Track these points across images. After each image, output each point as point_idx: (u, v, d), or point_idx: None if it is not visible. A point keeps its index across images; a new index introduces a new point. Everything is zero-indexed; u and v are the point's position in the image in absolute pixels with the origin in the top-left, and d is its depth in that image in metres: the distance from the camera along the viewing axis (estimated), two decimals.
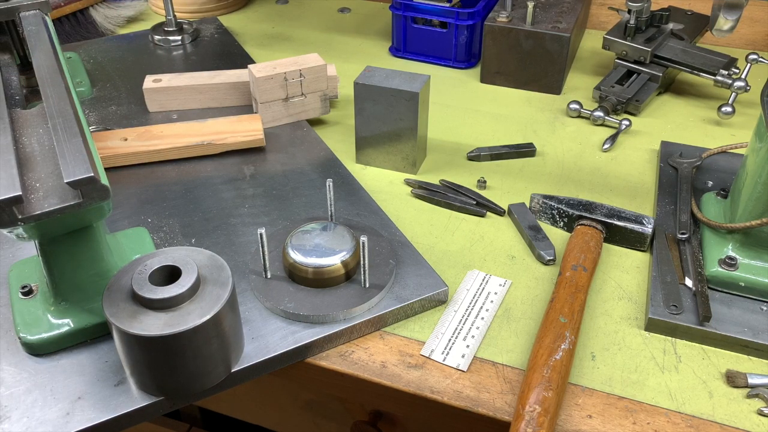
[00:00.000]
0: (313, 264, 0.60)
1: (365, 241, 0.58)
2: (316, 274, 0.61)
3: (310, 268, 0.60)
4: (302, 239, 0.62)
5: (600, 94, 0.93)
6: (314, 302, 0.60)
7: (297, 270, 0.61)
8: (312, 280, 0.61)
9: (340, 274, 0.61)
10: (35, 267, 0.62)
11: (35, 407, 0.54)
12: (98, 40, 1.12)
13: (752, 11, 1.06)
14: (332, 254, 0.61)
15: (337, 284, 0.62)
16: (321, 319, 0.60)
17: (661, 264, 0.66)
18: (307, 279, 0.61)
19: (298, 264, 0.61)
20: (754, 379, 0.57)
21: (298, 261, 0.60)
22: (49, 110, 0.54)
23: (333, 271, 0.61)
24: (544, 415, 0.53)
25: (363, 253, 0.59)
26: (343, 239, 0.62)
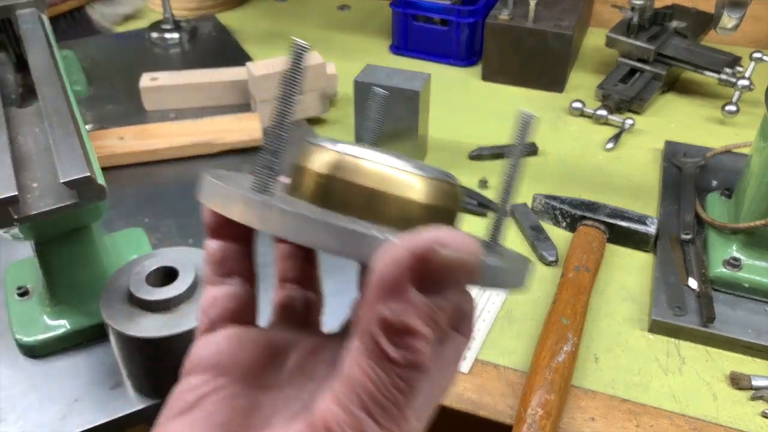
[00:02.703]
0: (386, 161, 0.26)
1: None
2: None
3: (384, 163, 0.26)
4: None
5: (603, 92, 0.92)
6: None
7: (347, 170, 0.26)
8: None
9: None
10: (31, 268, 0.61)
11: (31, 409, 0.54)
12: (95, 39, 1.11)
13: (756, 9, 1.06)
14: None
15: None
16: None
17: (665, 265, 0.66)
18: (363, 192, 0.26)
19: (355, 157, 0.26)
20: (758, 381, 0.56)
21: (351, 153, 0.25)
22: (45, 109, 0.53)
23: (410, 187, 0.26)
24: (546, 418, 0.52)
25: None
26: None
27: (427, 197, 0.24)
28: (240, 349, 0.25)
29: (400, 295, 0.19)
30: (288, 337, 0.26)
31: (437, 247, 0.19)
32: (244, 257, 0.27)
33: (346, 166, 0.24)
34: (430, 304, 0.19)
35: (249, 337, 0.25)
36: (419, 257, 0.19)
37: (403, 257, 0.19)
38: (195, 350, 0.25)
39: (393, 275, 0.19)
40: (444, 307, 0.20)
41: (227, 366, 0.24)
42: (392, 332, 0.19)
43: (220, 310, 0.26)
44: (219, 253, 0.27)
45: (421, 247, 0.19)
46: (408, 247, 0.19)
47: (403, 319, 0.19)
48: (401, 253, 0.19)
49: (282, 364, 0.25)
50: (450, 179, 0.26)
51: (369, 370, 0.19)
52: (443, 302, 0.20)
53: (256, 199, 0.22)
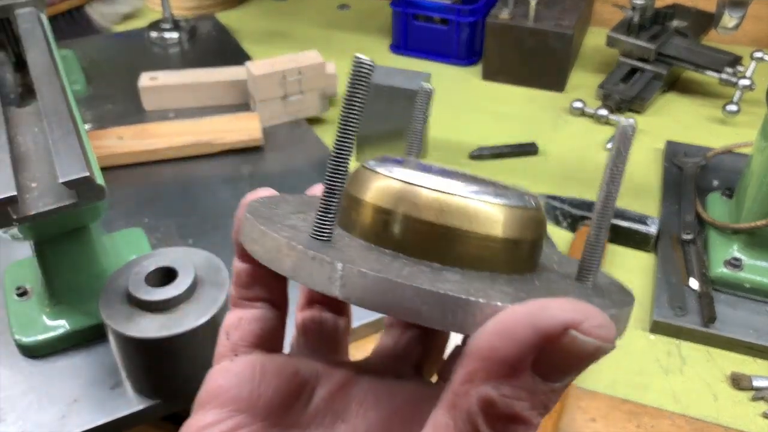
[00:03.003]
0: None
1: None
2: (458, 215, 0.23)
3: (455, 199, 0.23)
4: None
5: (603, 92, 0.92)
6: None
7: (419, 206, 0.22)
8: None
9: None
10: (30, 268, 0.61)
11: (30, 410, 0.54)
12: (94, 38, 1.11)
13: (757, 9, 1.05)
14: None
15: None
16: None
17: (666, 265, 0.66)
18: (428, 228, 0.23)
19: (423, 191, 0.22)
20: (759, 382, 0.56)
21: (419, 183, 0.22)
22: (44, 109, 0.53)
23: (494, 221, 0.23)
24: (546, 418, 0.52)
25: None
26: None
27: (512, 231, 0.21)
28: (263, 380, 0.22)
29: (516, 379, 0.16)
30: (315, 367, 0.23)
31: (572, 331, 0.15)
32: (274, 283, 0.24)
33: (410, 198, 0.20)
34: (546, 389, 0.16)
35: (273, 367, 0.22)
36: (548, 338, 0.15)
37: (526, 335, 0.15)
38: (213, 377, 0.22)
39: (511, 354, 0.16)
40: (559, 392, 0.16)
41: (248, 401, 0.21)
42: (497, 418, 0.16)
43: (243, 332, 0.24)
44: (246, 276, 0.24)
45: (554, 327, 0.15)
46: (535, 323, 0.15)
47: (514, 406, 0.16)
48: (525, 330, 0.15)
49: (308, 399, 0.23)
50: (534, 204, 0.22)
51: None
52: (561, 387, 0.16)
53: (325, 259, 0.18)
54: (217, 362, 0.23)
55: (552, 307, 0.16)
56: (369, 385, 0.23)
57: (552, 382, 0.16)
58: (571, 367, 0.16)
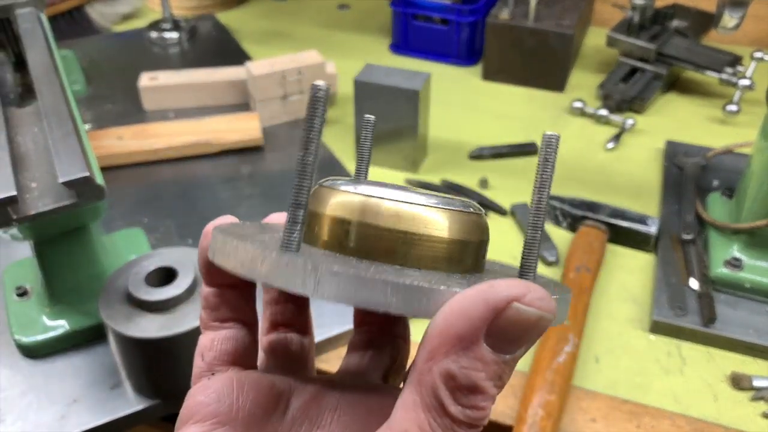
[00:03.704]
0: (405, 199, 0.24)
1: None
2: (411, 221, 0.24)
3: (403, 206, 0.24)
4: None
5: (604, 92, 0.92)
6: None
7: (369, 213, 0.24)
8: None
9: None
10: (30, 268, 0.61)
11: (30, 410, 0.54)
12: (94, 38, 1.11)
13: (757, 9, 1.05)
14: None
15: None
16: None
17: (666, 265, 0.66)
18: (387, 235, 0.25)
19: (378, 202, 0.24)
20: (759, 382, 0.56)
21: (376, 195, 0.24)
22: (44, 109, 0.53)
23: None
24: (547, 418, 0.52)
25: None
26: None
27: (457, 232, 0.23)
28: (240, 394, 0.23)
29: (471, 351, 0.18)
30: (289, 381, 0.24)
31: (517, 303, 0.18)
32: (242, 302, 0.26)
33: (370, 209, 0.22)
34: (499, 360, 0.18)
35: (250, 381, 0.23)
36: (496, 312, 0.18)
37: (477, 310, 0.18)
38: (192, 395, 0.23)
39: (464, 328, 0.18)
40: (511, 364, 0.19)
41: (228, 414, 0.22)
42: (457, 389, 0.18)
43: (217, 352, 0.25)
44: (214, 299, 0.25)
45: (499, 300, 0.18)
46: (485, 299, 0.18)
47: (472, 376, 0.18)
48: (477, 306, 0.18)
49: (285, 409, 0.24)
50: (475, 209, 0.24)
51: (426, 427, 0.18)
52: (512, 359, 0.19)
53: (299, 262, 0.19)
54: (194, 383, 0.24)
55: (499, 285, 0.18)
56: (341, 394, 0.24)
57: (503, 353, 0.18)
58: (518, 338, 0.18)
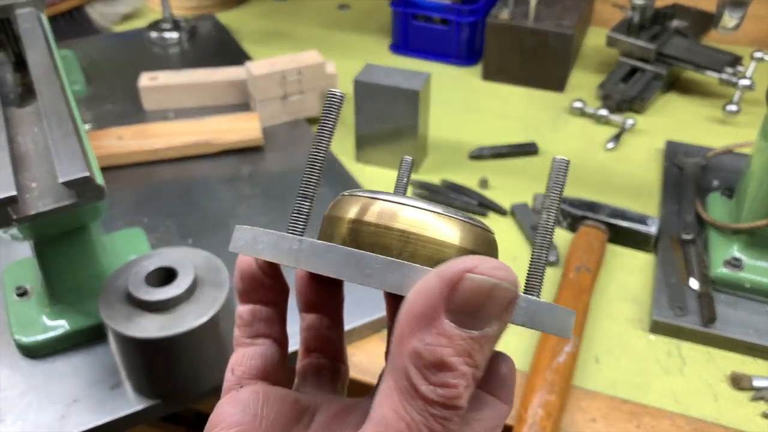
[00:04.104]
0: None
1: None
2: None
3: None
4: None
5: (604, 92, 0.92)
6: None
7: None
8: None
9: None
10: (30, 268, 0.61)
11: (30, 410, 0.54)
12: (94, 38, 1.11)
13: (757, 9, 1.05)
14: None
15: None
16: None
17: (666, 265, 0.66)
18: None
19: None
20: (759, 382, 0.56)
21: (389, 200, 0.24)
22: (44, 109, 0.53)
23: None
24: (546, 418, 0.52)
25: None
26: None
27: (465, 241, 0.23)
28: (266, 405, 0.24)
29: (433, 326, 0.18)
30: (315, 398, 0.25)
31: (471, 273, 0.18)
32: (273, 320, 0.27)
33: (379, 211, 0.23)
34: (465, 335, 0.18)
35: (275, 395, 0.24)
36: (451, 284, 0.18)
37: (434, 286, 0.18)
38: (220, 405, 0.24)
39: (425, 305, 0.18)
40: (481, 342, 0.18)
41: (252, 423, 0.23)
42: (426, 367, 0.18)
43: (246, 367, 0.26)
44: (248, 315, 0.26)
45: (453, 273, 0.18)
46: (439, 274, 0.18)
47: (437, 351, 0.18)
48: (432, 282, 0.18)
49: (308, 423, 0.24)
50: (486, 227, 0.25)
51: (402, 411, 0.18)
52: (480, 336, 0.18)
53: (287, 236, 0.22)
54: (224, 395, 0.25)
55: (455, 261, 0.18)
56: (365, 413, 0.24)
57: (469, 328, 0.18)
58: (479, 310, 0.18)
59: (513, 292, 0.18)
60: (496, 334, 0.19)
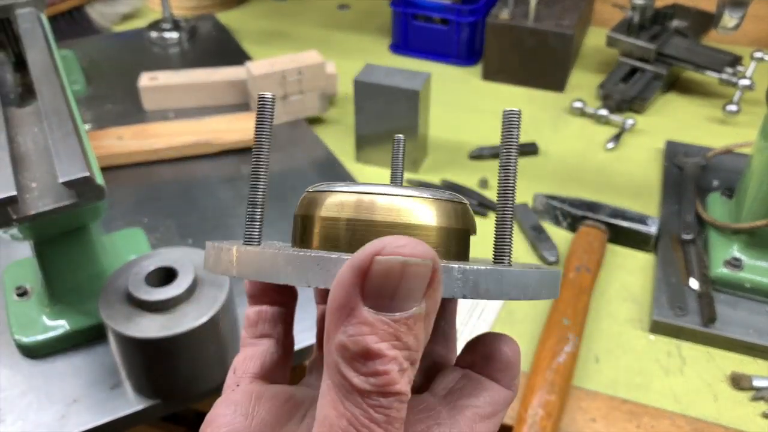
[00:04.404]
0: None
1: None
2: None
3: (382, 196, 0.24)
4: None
5: (604, 92, 0.92)
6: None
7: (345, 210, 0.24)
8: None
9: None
10: (30, 268, 0.61)
11: (30, 410, 0.54)
12: (94, 38, 1.11)
13: (757, 9, 1.05)
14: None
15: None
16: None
17: (666, 265, 0.66)
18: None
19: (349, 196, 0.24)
20: (759, 382, 0.56)
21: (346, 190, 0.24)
22: (43, 109, 0.53)
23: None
24: (546, 418, 0.52)
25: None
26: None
27: (440, 219, 0.23)
28: (257, 404, 0.24)
29: (353, 316, 0.17)
30: (310, 393, 0.25)
31: (379, 256, 0.17)
32: (278, 321, 0.27)
33: (349, 204, 0.23)
34: (386, 319, 0.17)
35: (268, 393, 0.25)
36: (362, 271, 0.17)
37: (348, 275, 0.17)
38: (215, 406, 0.25)
39: (342, 296, 0.17)
40: (407, 323, 0.18)
41: (242, 422, 0.24)
42: (353, 358, 0.17)
43: (246, 367, 0.26)
44: (254, 316, 0.27)
45: (362, 259, 0.17)
46: (350, 262, 0.17)
47: (360, 341, 0.17)
48: (346, 272, 0.17)
49: (302, 418, 0.24)
50: (458, 197, 0.24)
51: (341, 407, 0.18)
52: (405, 318, 0.18)
53: (224, 247, 0.22)
54: (224, 393, 0.26)
55: (365, 247, 0.17)
56: None
57: (390, 311, 0.17)
58: (396, 291, 0.17)
59: (428, 266, 0.17)
60: (426, 311, 0.18)
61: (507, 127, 0.23)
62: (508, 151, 0.23)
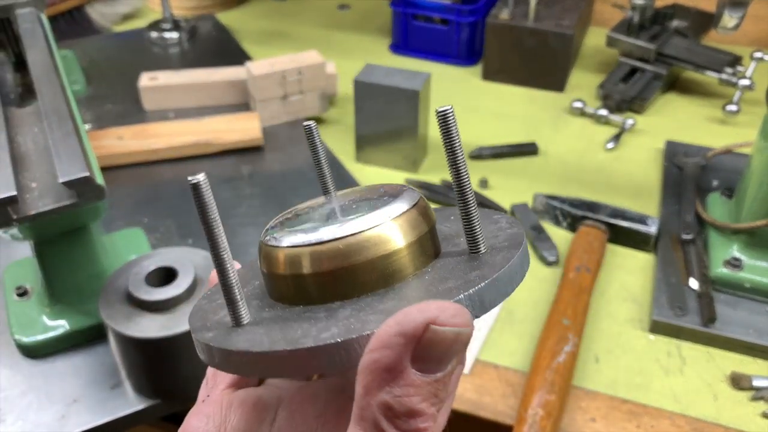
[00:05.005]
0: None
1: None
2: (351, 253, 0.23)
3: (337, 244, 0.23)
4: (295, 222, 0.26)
5: (603, 92, 0.92)
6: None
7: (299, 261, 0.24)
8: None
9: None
10: (30, 268, 0.61)
11: (30, 410, 0.54)
12: (94, 38, 1.11)
13: (757, 9, 1.05)
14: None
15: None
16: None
17: (666, 265, 0.66)
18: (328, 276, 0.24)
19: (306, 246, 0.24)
20: (758, 382, 0.56)
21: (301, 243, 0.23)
22: (44, 109, 0.53)
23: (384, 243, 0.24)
24: (546, 418, 0.52)
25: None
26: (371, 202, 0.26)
27: (407, 236, 0.22)
28: (228, 413, 0.25)
29: (401, 378, 0.18)
30: (276, 393, 0.26)
31: (432, 326, 0.18)
32: None
33: (310, 257, 0.22)
34: (431, 381, 0.19)
35: (237, 400, 0.26)
36: (414, 338, 0.18)
37: (399, 341, 0.18)
38: (188, 419, 0.26)
39: (390, 360, 0.18)
40: (444, 381, 0.19)
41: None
42: (396, 417, 0.19)
43: (217, 379, 0.27)
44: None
45: (416, 327, 0.18)
46: (401, 331, 0.18)
47: (406, 402, 0.18)
48: (397, 338, 0.18)
49: (272, 421, 0.25)
50: (412, 196, 0.24)
51: None
52: (443, 376, 0.19)
53: (209, 346, 0.22)
54: (195, 405, 0.27)
55: (412, 313, 0.18)
56: (326, 401, 0.25)
57: (432, 373, 0.19)
58: (443, 357, 0.19)
59: (471, 332, 0.19)
60: (458, 367, 0.20)
61: (443, 126, 0.23)
62: (452, 149, 0.23)
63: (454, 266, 0.23)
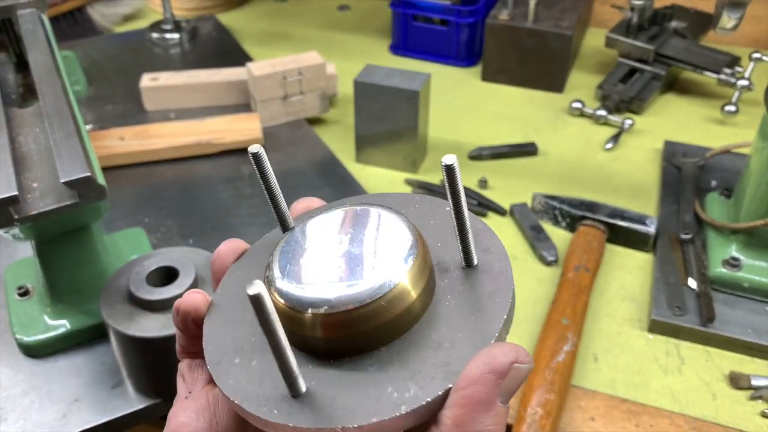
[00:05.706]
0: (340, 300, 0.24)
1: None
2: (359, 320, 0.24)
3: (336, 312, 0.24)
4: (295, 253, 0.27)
5: (602, 92, 0.92)
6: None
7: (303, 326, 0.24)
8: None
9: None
10: (32, 268, 0.61)
11: (32, 409, 0.54)
12: (95, 39, 1.11)
13: (756, 9, 1.05)
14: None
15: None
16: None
17: (665, 265, 0.66)
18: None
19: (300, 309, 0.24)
20: (757, 381, 0.57)
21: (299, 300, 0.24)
22: (45, 109, 0.53)
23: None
24: (546, 417, 0.52)
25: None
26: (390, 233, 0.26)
27: (415, 288, 0.24)
28: (217, 410, 0.26)
29: (491, 410, 0.22)
30: None
31: (518, 365, 0.22)
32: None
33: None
34: (507, 408, 0.22)
35: (223, 397, 0.26)
36: (502, 374, 0.22)
37: (491, 378, 0.22)
38: (174, 416, 0.26)
39: (484, 394, 0.22)
40: (508, 408, 0.23)
41: (208, 430, 0.25)
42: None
43: (195, 374, 0.27)
44: (184, 341, 0.28)
45: (506, 367, 0.22)
46: (494, 370, 0.22)
47: (495, 430, 0.22)
48: (490, 376, 0.22)
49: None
50: (417, 240, 0.25)
51: None
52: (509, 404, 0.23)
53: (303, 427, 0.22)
54: (175, 403, 0.27)
55: (497, 354, 0.22)
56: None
57: (506, 403, 0.23)
58: (516, 389, 0.23)
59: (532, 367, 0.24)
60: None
61: (449, 178, 0.24)
62: (456, 200, 0.24)
63: (457, 314, 0.25)
